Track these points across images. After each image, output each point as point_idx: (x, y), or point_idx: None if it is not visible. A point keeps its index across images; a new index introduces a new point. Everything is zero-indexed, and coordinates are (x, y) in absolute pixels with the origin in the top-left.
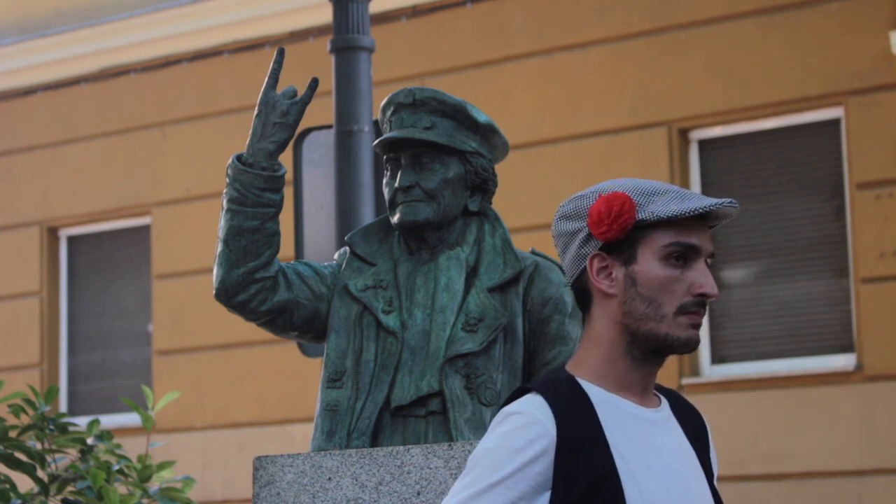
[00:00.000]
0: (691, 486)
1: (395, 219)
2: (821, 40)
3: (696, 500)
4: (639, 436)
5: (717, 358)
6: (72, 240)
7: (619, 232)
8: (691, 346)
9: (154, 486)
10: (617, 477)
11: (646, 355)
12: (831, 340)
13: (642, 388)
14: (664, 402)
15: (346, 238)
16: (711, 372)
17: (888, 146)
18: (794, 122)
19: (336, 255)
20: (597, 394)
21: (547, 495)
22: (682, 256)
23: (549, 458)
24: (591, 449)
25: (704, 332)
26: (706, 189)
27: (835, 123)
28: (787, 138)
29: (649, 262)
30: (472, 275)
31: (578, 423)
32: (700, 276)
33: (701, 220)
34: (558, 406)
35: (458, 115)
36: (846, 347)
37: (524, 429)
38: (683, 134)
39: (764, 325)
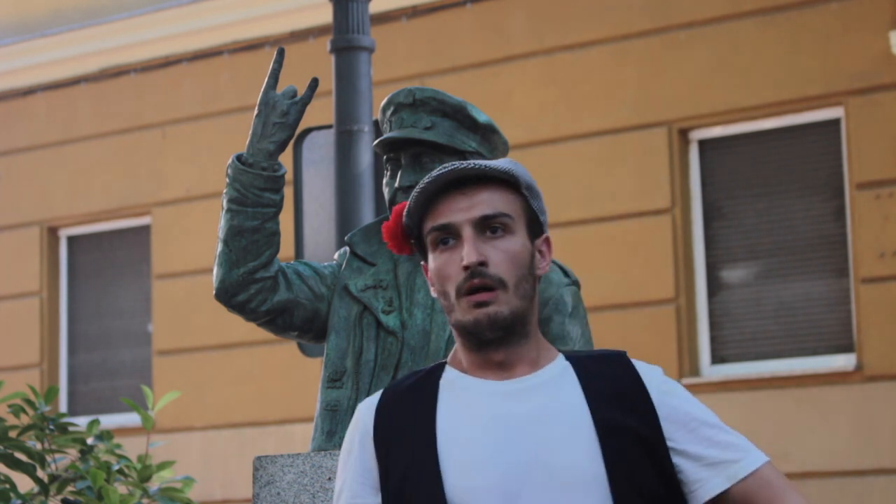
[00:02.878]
0: (547, 449)
1: None
2: (821, 40)
3: (549, 463)
4: (478, 409)
5: (716, 358)
6: (72, 240)
7: (400, 249)
8: (481, 327)
9: (154, 486)
10: (435, 454)
11: (470, 343)
12: (831, 340)
13: (496, 365)
14: (548, 369)
15: (346, 238)
16: (711, 372)
17: (888, 146)
18: (794, 122)
19: (336, 255)
20: (450, 378)
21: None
22: (445, 240)
23: (370, 447)
24: (411, 432)
25: (704, 332)
26: (706, 189)
27: (835, 123)
28: (787, 138)
29: (431, 257)
30: None
31: (402, 409)
32: (464, 250)
33: (451, 192)
34: (387, 396)
35: (458, 115)
36: (846, 347)
37: (352, 425)
38: (683, 134)
39: (764, 325)
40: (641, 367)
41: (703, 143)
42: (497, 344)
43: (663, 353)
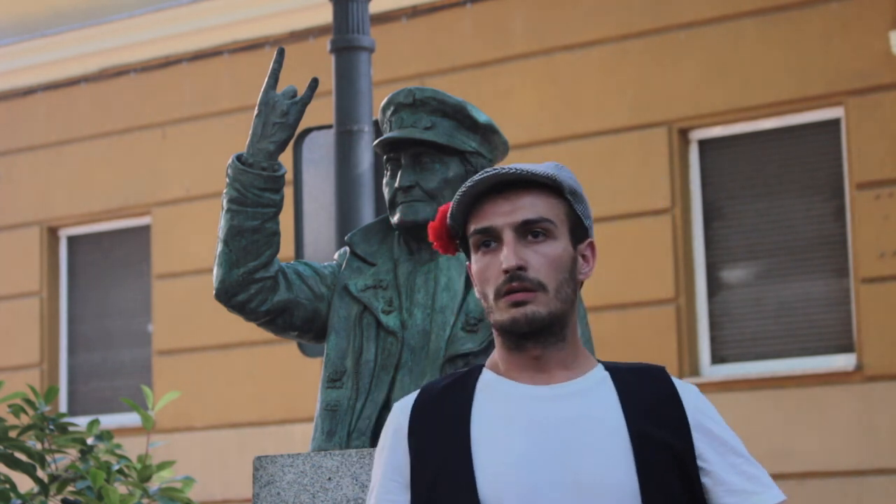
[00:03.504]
0: (581, 457)
1: (395, 219)
2: (821, 40)
3: (581, 471)
4: (514, 413)
5: (716, 358)
6: (72, 240)
7: (446, 249)
8: (518, 325)
9: (154, 486)
10: (469, 457)
11: (508, 342)
12: (831, 340)
13: (535, 369)
14: (587, 377)
15: (346, 238)
16: (711, 372)
17: (888, 146)
18: (794, 122)
19: (336, 255)
20: (487, 380)
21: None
22: (487, 243)
23: (404, 445)
24: (445, 432)
25: (704, 332)
26: (706, 189)
27: (835, 123)
28: (787, 138)
29: (473, 258)
30: None
31: (437, 409)
32: (503, 254)
33: (494, 195)
34: (423, 396)
35: (458, 115)
36: (846, 347)
37: (387, 423)
38: (683, 134)
39: (764, 325)
40: (679, 384)
41: (703, 143)
42: (534, 339)
43: (663, 353)
